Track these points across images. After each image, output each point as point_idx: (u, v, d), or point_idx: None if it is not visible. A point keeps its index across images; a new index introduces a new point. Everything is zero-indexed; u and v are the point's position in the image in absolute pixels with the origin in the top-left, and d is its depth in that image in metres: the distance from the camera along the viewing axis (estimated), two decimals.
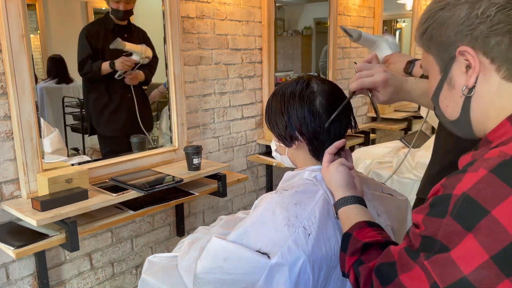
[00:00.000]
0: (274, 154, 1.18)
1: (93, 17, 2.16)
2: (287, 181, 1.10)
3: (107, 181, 1.82)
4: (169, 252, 1.39)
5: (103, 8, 2.27)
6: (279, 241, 0.92)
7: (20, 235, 1.55)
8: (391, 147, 3.02)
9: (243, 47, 2.54)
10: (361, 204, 0.94)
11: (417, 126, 3.73)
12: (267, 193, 1.06)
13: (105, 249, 2.06)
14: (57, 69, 2.03)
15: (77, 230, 1.54)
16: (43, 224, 1.49)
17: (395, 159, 2.72)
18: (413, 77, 1.13)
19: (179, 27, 2.10)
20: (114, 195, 1.66)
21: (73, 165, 1.80)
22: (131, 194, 1.71)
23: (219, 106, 2.46)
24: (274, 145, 1.16)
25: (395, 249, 0.73)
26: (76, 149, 2.11)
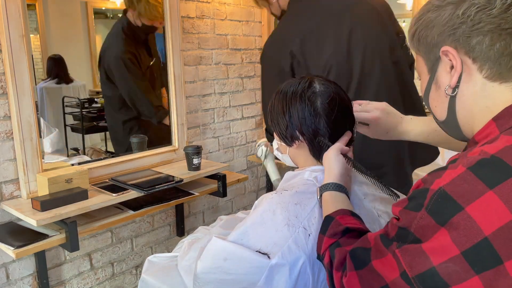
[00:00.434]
0: (275, 152, 1.18)
1: (93, 17, 2.15)
2: (287, 181, 1.10)
3: (107, 181, 1.82)
4: (169, 252, 1.39)
5: (103, 8, 2.27)
6: (279, 241, 0.92)
7: (20, 235, 1.55)
8: None
9: (243, 47, 2.54)
10: (348, 198, 0.96)
11: None
12: (267, 193, 1.06)
13: (105, 249, 2.06)
14: (57, 69, 2.03)
15: (77, 230, 1.54)
16: (43, 224, 1.49)
17: None
18: (415, 117, 1.12)
19: (179, 27, 2.10)
20: (114, 195, 1.66)
21: (73, 165, 1.80)
22: (131, 194, 1.71)
23: (219, 106, 2.46)
24: (275, 143, 1.16)
25: (372, 236, 0.75)
26: (76, 149, 2.11)
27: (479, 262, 0.59)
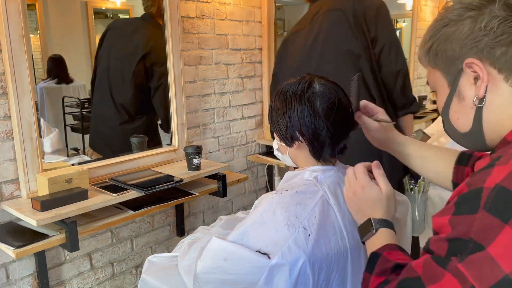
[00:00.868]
0: (276, 152, 1.18)
1: (93, 17, 2.15)
2: (287, 181, 1.10)
3: (107, 181, 1.82)
4: (169, 252, 1.39)
5: (103, 8, 2.26)
6: (279, 241, 0.92)
7: (20, 235, 1.55)
8: None
9: (243, 47, 2.54)
10: (392, 228, 0.89)
11: (416, 126, 3.72)
12: (267, 193, 1.06)
13: (105, 249, 2.06)
14: (57, 69, 2.03)
15: (77, 230, 1.54)
16: (43, 224, 1.49)
17: None
18: (419, 143, 1.10)
19: (179, 27, 2.10)
20: (114, 195, 1.66)
21: (73, 165, 1.80)
22: (131, 194, 1.71)
23: (219, 106, 2.46)
24: (276, 144, 1.16)
25: (418, 263, 0.68)
26: (76, 149, 2.11)
27: None
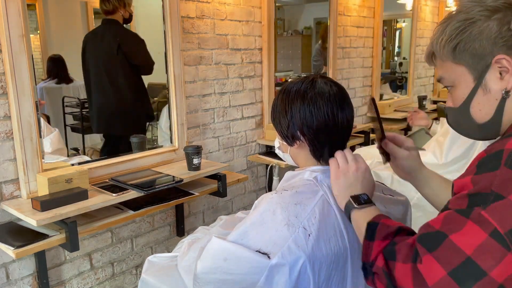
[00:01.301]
0: (277, 151, 1.19)
1: (93, 17, 2.15)
2: (287, 181, 1.10)
3: (107, 181, 1.82)
4: (169, 252, 1.39)
5: None
6: (279, 241, 0.92)
7: (20, 235, 1.55)
8: None
9: (243, 47, 2.54)
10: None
11: (416, 126, 3.73)
12: (267, 193, 1.06)
13: (105, 249, 2.06)
14: (57, 69, 2.03)
15: (77, 230, 1.54)
16: (43, 224, 1.49)
17: None
18: (441, 178, 1.06)
19: (179, 27, 2.10)
20: (114, 195, 1.66)
21: (73, 165, 1.80)
22: (131, 194, 1.71)
23: (219, 106, 2.46)
24: (277, 142, 1.16)
25: (436, 219, 0.75)
26: (76, 149, 2.11)
27: None
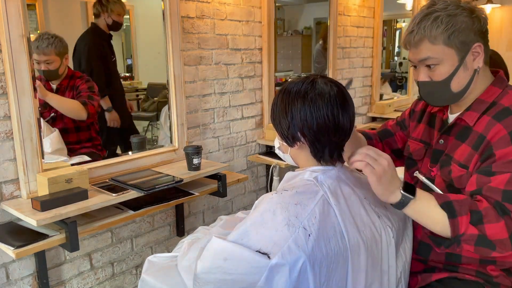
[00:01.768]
0: (277, 151, 1.18)
1: (93, 17, 2.15)
2: (287, 181, 1.10)
3: (107, 181, 1.82)
4: (169, 252, 1.39)
5: None
6: (279, 241, 0.92)
7: (20, 235, 1.55)
8: None
9: (243, 47, 2.54)
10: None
11: None
12: (267, 193, 1.06)
13: (105, 249, 2.06)
14: None
15: (77, 230, 1.54)
16: (43, 224, 1.49)
17: None
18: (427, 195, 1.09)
19: (179, 27, 2.10)
20: (114, 195, 1.66)
21: (73, 165, 1.80)
22: (131, 194, 1.71)
23: (219, 106, 2.46)
24: (277, 142, 1.16)
25: (500, 182, 1.03)
26: None
27: None
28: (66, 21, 2.09)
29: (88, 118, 2.03)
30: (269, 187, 2.80)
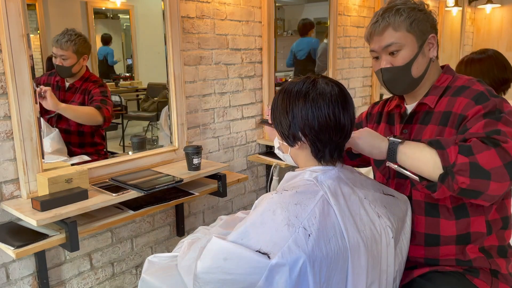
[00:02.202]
0: (276, 151, 1.18)
1: (93, 17, 2.15)
2: (287, 181, 1.10)
3: (107, 181, 1.82)
4: (169, 252, 1.39)
5: (103, 8, 2.27)
6: (279, 241, 0.92)
7: (20, 235, 1.55)
8: None
9: (243, 47, 2.54)
10: None
11: None
12: (267, 193, 1.06)
13: (105, 249, 2.06)
14: None
15: (77, 230, 1.54)
16: (43, 224, 1.49)
17: None
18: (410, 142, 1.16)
19: (179, 27, 2.10)
20: (114, 195, 1.66)
21: (73, 165, 1.80)
22: (131, 194, 1.71)
23: (219, 106, 2.46)
24: (277, 142, 1.16)
25: (479, 128, 1.09)
26: None
27: None
28: (66, 21, 2.09)
29: (104, 122, 2.01)
30: (268, 187, 2.80)
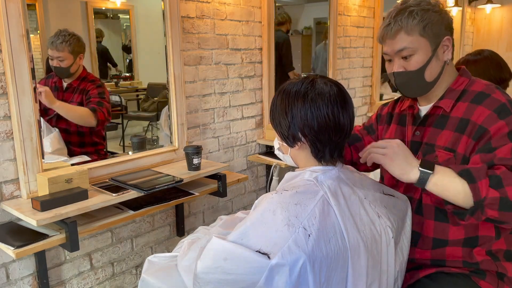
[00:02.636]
0: (276, 152, 1.18)
1: (93, 17, 2.15)
2: (288, 181, 1.10)
3: (107, 181, 1.82)
4: (169, 252, 1.39)
5: (103, 8, 2.27)
6: (279, 241, 0.92)
7: (20, 235, 1.55)
8: None
9: (243, 47, 2.54)
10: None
11: None
12: (267, 193, 1.06)
13: (105, 249, 2.06)
14: None
15: (77, 230, 1.54)
16: (43, 224, 1.49)
17: None
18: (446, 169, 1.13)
19: (179, 27, 2.10)
20: (114, 195, 1.66)
21: (73, 165, 1.80)
22: (131, 194, 1.71)
23: (219, 106, 2.46)
24: (277, 143, 1.16)
25: (506, 152, 1.08)
26: None
27: None
28: (66, 21, 2.09)
29: (97, 125, 2.01)
30: (268, 187, 2.80)
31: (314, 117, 1.01)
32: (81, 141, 2.03)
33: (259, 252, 0.92)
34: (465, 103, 1.19)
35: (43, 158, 1.71)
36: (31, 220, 1.48)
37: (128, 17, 2.38)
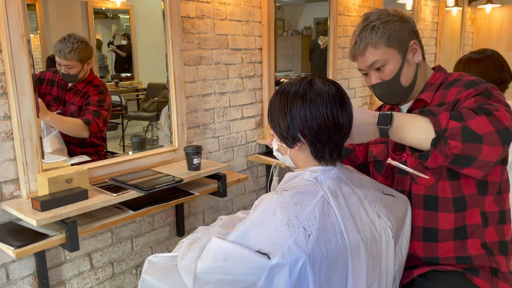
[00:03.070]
0: (275, 153, 1.18)
1: (93, 17, 2.16)
2: (287, 182, 1.10)
3: (107, 181, 1.82)
4: (169, 252, 1.39)
5: (103, 8, 2.27)
6: (279, 241, 0.92)
7: (20, 235, 1.55)
8: None
9: (243, 47, 2.54)
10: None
11: None
12: (267, 193, 1.06)
13: (105, 249, 2.06)
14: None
15: (77, 230, 1.54)
16: (43, 224, 1.49)
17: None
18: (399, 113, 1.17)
19: (179, 27, 2.10)
20: (114, 195, 1.66)
21: (73, 165, 1.80)
22: (131, 194, 1.71)
23: (219, 106, 2.46)
24: (275, 144, 1.15)
25: (469, 103, 1.12)
26: None
27: None
28: (66, 21, 2.09)
29: (90, 137, 2.00)
30: (268, 187, 2.80)
31: (313, 117, 1.01)
32: (81, 141, 2.02)
33: (259, 252, 0.92)
34: (440, 91, 1.26)
35: (43, 158, 1.71)
36: (31, 220, 1.48)
37: (128, 17, 2.38)
